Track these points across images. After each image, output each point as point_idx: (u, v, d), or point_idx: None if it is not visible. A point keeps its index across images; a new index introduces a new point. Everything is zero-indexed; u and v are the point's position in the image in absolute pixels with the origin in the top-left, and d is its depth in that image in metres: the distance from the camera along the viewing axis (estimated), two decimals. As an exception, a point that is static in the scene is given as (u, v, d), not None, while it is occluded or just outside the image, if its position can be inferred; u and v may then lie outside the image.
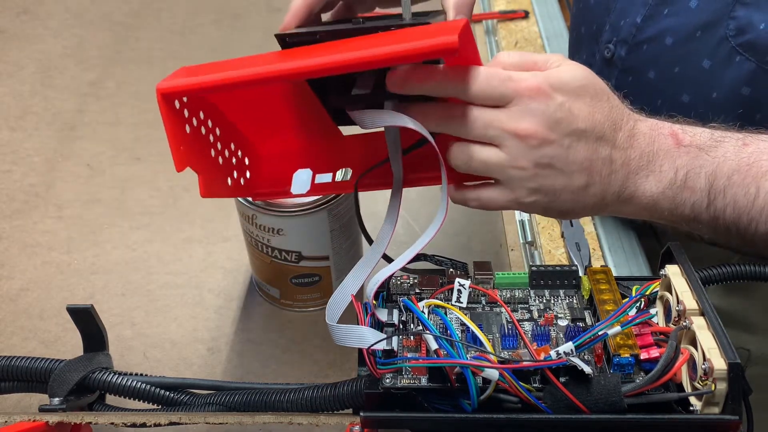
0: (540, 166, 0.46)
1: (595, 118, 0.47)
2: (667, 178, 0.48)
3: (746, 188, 0.47)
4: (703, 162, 0.48)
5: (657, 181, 0.48)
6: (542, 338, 0.44)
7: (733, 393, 0.38)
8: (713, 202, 0.48)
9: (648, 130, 0.49)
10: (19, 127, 0.84)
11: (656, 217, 0.50)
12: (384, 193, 0.77)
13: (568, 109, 0.46)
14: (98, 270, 0.68)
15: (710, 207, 0.48)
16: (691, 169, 0.48)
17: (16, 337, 0.63)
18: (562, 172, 0.47)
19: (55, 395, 0.49)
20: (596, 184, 0.48)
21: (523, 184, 0.47)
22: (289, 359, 0.61)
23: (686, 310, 0.41)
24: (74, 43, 0.97)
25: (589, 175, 0.47)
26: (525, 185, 0.47)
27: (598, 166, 0.47)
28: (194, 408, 0.50)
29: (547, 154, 0.46)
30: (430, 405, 0.42)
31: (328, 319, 0.44)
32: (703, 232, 0.50)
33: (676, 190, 0.48)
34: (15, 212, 0.74)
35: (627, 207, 0.49)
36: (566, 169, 0.47)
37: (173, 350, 0.62)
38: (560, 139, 0.46)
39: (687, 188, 0.48)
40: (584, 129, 0.47)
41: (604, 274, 0.47)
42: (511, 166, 0.47)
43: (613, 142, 0.47)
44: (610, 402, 0.39)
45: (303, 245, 0.59)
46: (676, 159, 0.48)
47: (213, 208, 0.75)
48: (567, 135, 0.46)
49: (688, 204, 0.48)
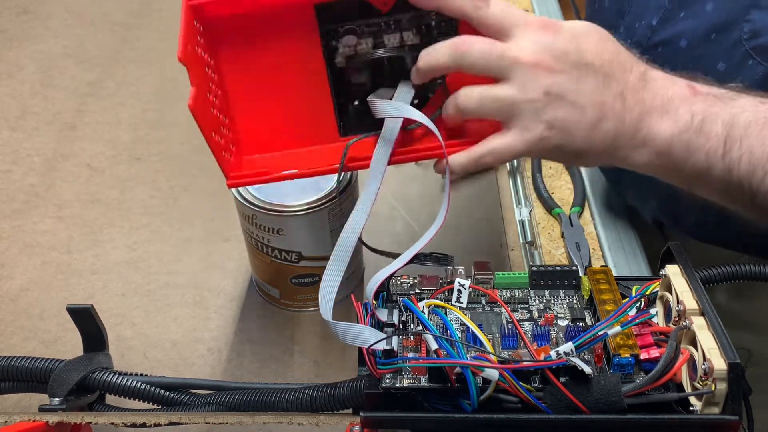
0: (551, 96, 0.46)
1: (603, 56, 0.47)
2: (683, 120, 0.47)
3: (763, 140, 0.46)
4: (720, 110, 0.47)
5: (673, 122, 0.47)
6: (542, 338, 0.44)
7: (733, 393, 0.38)
8: (729, 151, 0.46)
9: (662, 77, 0.48)
10: (19, 127, 0.84)
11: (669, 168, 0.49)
12: (384, 194, 0.77)
13: (575, 43, 0.47)
14: (98, 270, 0.68)
15: (726, 156, 0.46)
16: (707, 115, 0.47)
17: (16, 337, 0.63)
18: (574, 104, 0.47)
19: (55, 395, 0.49)
20: (609, 119, 0.47)
21: (535, 118, 0.47)
22: (289, 359, 0.61)
23: (686, 310, 0.41)
24: (74, 43, 0.97)
25: (601, 110, 0.47)
26: (537, 118, 0.47)
27: (609, 101, 0.47)
28: (194, 408, 0.50)
29: (556, 82, 0.46)
30: (430, 405, 0.42)
31: (324, 315, 0.44)
32: (713, 194, 0.49)
33: (692, 134, 0.47)
34: (15, 212, 0.74)
35: (640, 152, 0.48)
36: (577, 101, 0.47)
37: (173, 350, 0.62)
38: (569, 70, 0.46)
39: (703, 134, 0.47)
40: (592, 63, 0.47)
41: (604, 274, 0.47)
42: (523, 99, 0.47)
43: (623, 81, 0.47)
44: (610, 402, 0.39)
45: (303, 245, 0.59)
46: (692, 104, 0.47)
47: (213, 208, 0.75)
48: (575, 67, 0.46)
49: (703, 151, 0.47)
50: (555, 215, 0.73)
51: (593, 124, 0.47)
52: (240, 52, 0.52)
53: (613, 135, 0.47)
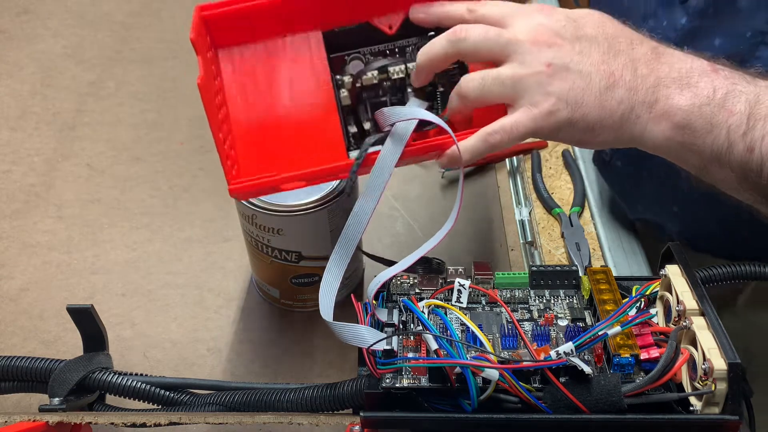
0: (554, 67, 0.46)
1: (606, 31, 0.47)
2: (704, 93, 0.45)
3: None
4: (743, 88, 0.45)
5: (693, 95, 0.45)
6: (542, 338, 0.44)
7: (733, 393, 0.38)
8: (751, 129, 0.44)
9: (679, 52, 0.47)
10: (19, 127, 0.84)
11: (687, 146, 0.46)
12: (385, 194, 0.77)
13: (573, 21, 0.47)
14: (98, 270, 0.68)
15: (747, 134, 0.44)
16: (730, 90, 0.45)
17: (16, 337, 0.63)
18: (580, 73, 0.46)
19: (55, 395, 0.49)
20: (619, 87, 0.45)
21: (541, 91, 0.46)
22: (289, 359, 0.61)
23: (686, 310, 0.41)
24: (74, 43, 0.97)
25: (609, 76, 0.46)
26: (543, 91, 0.46)
27: (618, 70, 0.46)
28: (194, 408, 0.50)
29: (558, 54, 0.46)
30: (430, 405, 0.42)
31: (324, 315, 0.44)
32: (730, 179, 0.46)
33: (714, 108, 0.44)
34: (15, 212, 0.74)
35: (658, 126, 0.46)
36: (582, 69, 0.46)
37: (173, 350, 0.62)
38: (570, 42, 0.46)
39: (725, 109, 0.44)
40: (594, 35, 0.46)
41: (604, 274, 0.47)
42: (526, 74, 0.46)
43: (631, 52, 0.46)
44: (610, 402, 0.39)
45: (303, 245, 0.59)
46: (714, 79, 0.45)
47: (213, 208, 0.75)
48: (576, 39, 0.46)
49: (725, 127, 0.44)
50: (555, 215, 0.73)
51: (602, 91, 0.45)
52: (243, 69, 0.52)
53: (628, 104, 0.46)
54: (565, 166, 0.79)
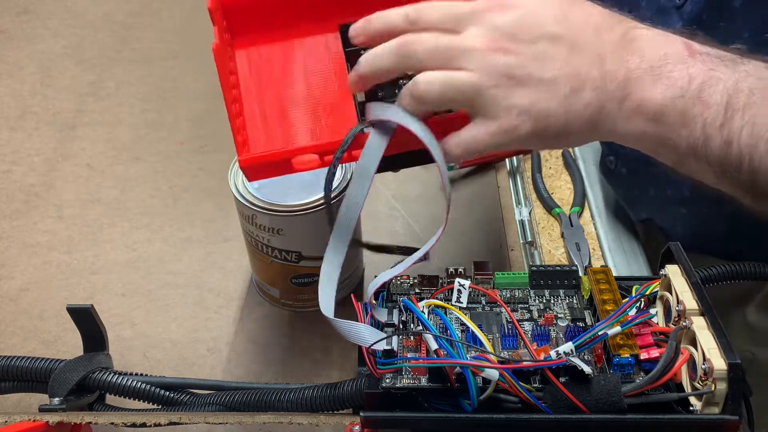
0: (514, 80, 0.42)
1: (570, 21, 0.43)
2: (677, 85, 0.41)
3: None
4: (721, 74, 0.41)
5: (666, 87, 0.42)
6: (542, 338, 0.44)
7: (733, 393, 0.38)
8: (729, 120, 0.41)
9: (652, 35, 0.43)
10: (19, 127, 0.84)
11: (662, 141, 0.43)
12: (385, 193, 0.78)
13: (533, 15, 0.43)
14: (98, 270, 0.68)
15: (725, 127, 0.41)
16: (706, 80, 0.41)
17: (16, 337, 0.63)
18: (541, 81, 0.42)
19: (55, 395, 0.49)
20: (586, 88, 0.42)
21: (503, 103, 0.42)
22: (289, 359, 0.61)
23: (686, 310, 0.41)
24: (74, 43, 0.97)
25: (574, 78, 0.42)
26: (505, 103, 0.42)
27: (583, 69, 0.42)
28: (194, 408, 0.50)
29: (517, 63, 0.42)
30: (430, 405, 0.42)
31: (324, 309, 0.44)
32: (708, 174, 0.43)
33: (688, 101, 0.41)
34: (15, 212, 0.74)
35: (632, 122, 0.43)
36: (545, 75, 0.42)
37: (173, 350, 0.62)
38: (530, 46, 0.42)
39: (701, 101, 0.41)
40: (555, 32, 0.42)
41: (604, 274, 0.47)
42: (485, 85, 0.42)
43: (598, 44, 0.42)
44: (610, 402, 0.39)
45: (303, 245, 0.59)
46: (689, 67, 0.42)
47: (213, 208, 0.75)
48: (536, 40, 0.42)
49: (700, 121, 0.41)
50: (555, 215, 0.73)
51: (568, 98, 0.42)
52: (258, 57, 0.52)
53: (598, 104, 0.42)
54: (565, 166, 0.79)
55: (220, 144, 0.82)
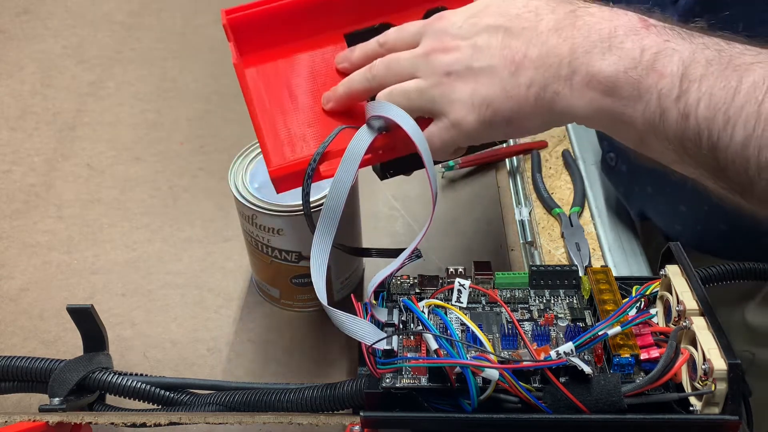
0: (455, 74, 0.44)
1: (508, 13, 0.44)
2: (629, 56, 0.40)
3: (726, 80, 0.38)
4: (677, 45, 0.40)
5: (617, 58, 0.40)
6: (542, 338, 0.44)
7: (733, 393, 0.38)
8: (685, 92, 0.39)
9: (601, 10, 0.42)
10: (19, 127, 0.84)
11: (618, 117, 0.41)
12: (385, 193, 0.77)
13: (474, 16, 0.45)
14: (98, 270, 0.68)
15: (681, 99, 0.39)
16: (661, 50, 0.39)
17: (16, 337, 0.63)
18: (481, 70, 0.43)
19: (55, 395, 0.49)
20: (526, 68, 0.42)
21: (446, 100, 0.44)
22: (289, 359, 0.61)
23: (686, 310, 0.41)
24: (74, 43, 0.97)
25: (511, 62, 0.42)
26: (447, 100, 0.44)
27: (520, 50, 0.42)
28: (194, 408, 0.50)
29: (455, 59, 0.44)
30: (430, 405, 0.42)
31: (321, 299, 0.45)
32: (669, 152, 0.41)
33: (642, 72, 0.39)
34: (15, 212, 0.74)
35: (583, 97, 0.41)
36: (483, 64, 0.43)
37: (173, 350, 0.62)
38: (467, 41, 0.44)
39: (655, 71, 0.39)
40: (492, 23, 0.44)
41: (604, 274, 0.47)
42: (429, 86, 0.45)
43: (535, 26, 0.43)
44: (610, 402, 0.39)
45: (303, 245, 0.59)
46: (643, 38, 0.40)
47: (213, 208, 0.75)
48: (474, 35, 0.44)
49: (655, 92, 0.39)
50: (555, 215, 0.73)
51: (508, 81, 0.42)
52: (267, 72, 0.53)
53: (542, 83, 0.42)
54: (565, 166, 0.79)
55: (220, 144, 0.82)
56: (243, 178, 0.59)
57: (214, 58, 0.94)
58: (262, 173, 0.59)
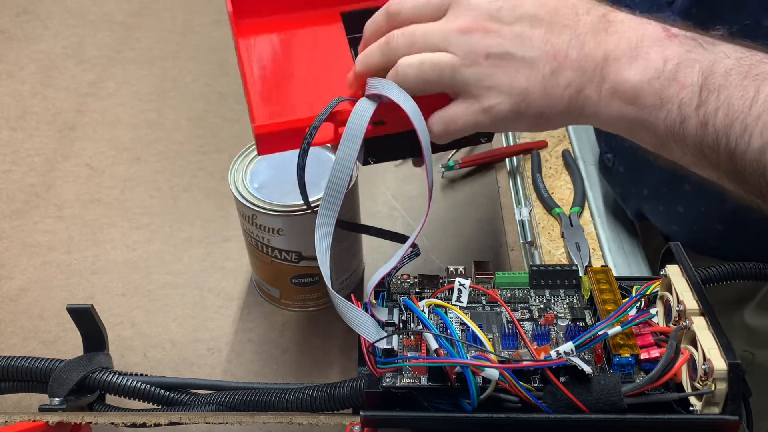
0: (494, 58, 0.43)
1: (547, 4, 0.43)
2: (653, 66, 0.41)
3: (744, 90, 0.39)
4: (698, 55, 0.41)
5: (642, 68, 0.41)
6: (542, 338, 0.44)
7: (733, 393, 0.38)
8: (705, 101, 0.40)
9: (629, 18, 0.43)
10: (19, 127, 0.84)
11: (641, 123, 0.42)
12: (385, 193, 0.77)
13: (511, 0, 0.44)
14: (98, 270, 0.68)
15: (700, 108, 0.40)
16: (682, 60, 0.41)
17: (16, 337, 0.62)
18: (522, 60, 0.43)
19: (55, 395, 0.49)
20: (566, 69, 0.42)
21: (483, 84, 0.43)
22: (289, 359, 0.61)
23: (686, 310, 0.41)
24: (74, 43, 0.97)
25: (554, 59, 0.42)
26: (484, 84, 0.43)
27: (563, 49, 0.42)
28: (194, 408, 0.50)
29: (496, 42, 0.43)
30: (430, 404, 0.42)
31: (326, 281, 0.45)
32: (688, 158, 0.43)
33: (664, 82, 0.41)
34: (15, 212, 0.74)
35: (610, 104, 0.43)
36: (525, 56, 0.43)
37: (173, 350, 0.62)
38: (508, 27, 0.43)
39: (677, 82, 0.41)
40: (533, 13, 0.43)
41: (604, 274, 0.47)
42: (463, 64, 0.43)
43: (576, 26, 0.43)
44: (610, 402, 0.39)
45: (303, 245, 0.59)
46: (666, 48, 0.41)
47: (213, 208, 0.75)
48: (514, 21, 0.43)
49: (676, 101, 0.41)
50: (555, 215, 0.73)
51: (548, 77, 0.43)
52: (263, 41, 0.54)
53: (576, 86, 0.43)
54: (565, 166, 0.79)
55: (220, 144, 0.82)
56: (243, 178, 0.59)
57: (214, 58, 0.94)
58: (262, 173, 0.60)
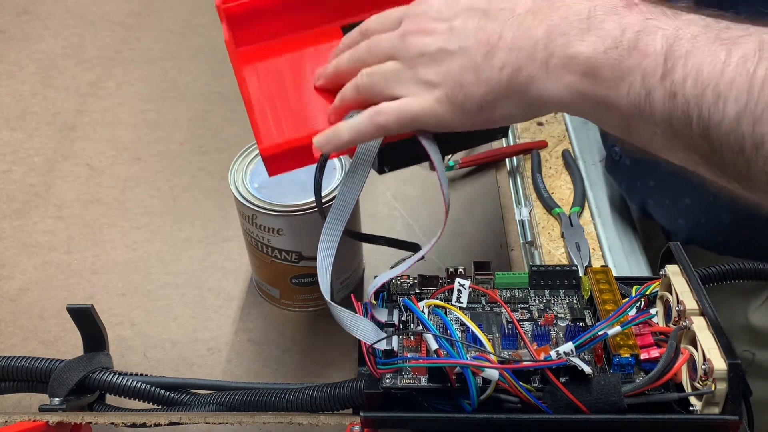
0: (426, 56, 0.44)
1: None
2: (610, 35, 0.38)
3: (714, 54, 0.35)
4: (660, 23, 0.37)
5: (597, 38, 0.38)
6: (542, 338, 0.44)
7: (733, 393, 0.38)
8: (671, 71, 0.36)
9: None
10: (19, 127, 0.84)
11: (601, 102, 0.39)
12: (385, 193, 0.77)
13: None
14: (98, 270, 0.68)
15: (666, 77, 0.36)
16: (643, 28, 0.37)
17: (16, 337, 0.63)
18: (456, 52, 0.43)
19: (55, 395, 0.49)
20: (500, 50, 0.41)
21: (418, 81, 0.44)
22: (289, 359, 0.61)
23: (686, 310, 0.41)
24: (74, 43, 0.97)
25: (486, 43, 0.41)
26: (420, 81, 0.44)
27: (496, 32, 0.41)
28: (194, 408, 0.50)
29: (431, 41, 0.44)
30: (430, 405, 0.42)
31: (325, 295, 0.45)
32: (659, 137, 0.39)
33: (623, 51, 0.37)
34: (15, 212, 0.74)
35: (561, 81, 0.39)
36: (458, 46, 0.42)
37: (173, 350, 0.62)
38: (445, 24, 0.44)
39: (637, 51, 0.37)
40: (469, 6, 0.43)
41: (604, 274, 0.47)
42: (403, 67, 0.45)
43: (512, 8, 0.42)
44: (610, 402, 0.39)
45: (303, 245, 0.59)
46: (623, 17, 0.38)
47: (213, 208, 0.75)
48: (453, 17, 0.44)
49: (638, 72, 0.37)
50: (555, 215, 0.73)
51: (480, 62, 0.41)
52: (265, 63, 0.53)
53: (513, 66, 0.40)
54: (565, 166, 0.79)
55: (220, 144, 0.82)
56: (243, 178, 0.59)
57: (214, 58, 0.94)
58: (262, 173, 0.59)
